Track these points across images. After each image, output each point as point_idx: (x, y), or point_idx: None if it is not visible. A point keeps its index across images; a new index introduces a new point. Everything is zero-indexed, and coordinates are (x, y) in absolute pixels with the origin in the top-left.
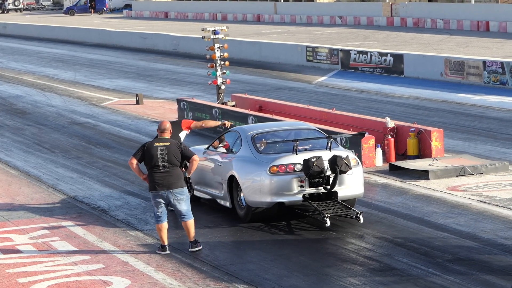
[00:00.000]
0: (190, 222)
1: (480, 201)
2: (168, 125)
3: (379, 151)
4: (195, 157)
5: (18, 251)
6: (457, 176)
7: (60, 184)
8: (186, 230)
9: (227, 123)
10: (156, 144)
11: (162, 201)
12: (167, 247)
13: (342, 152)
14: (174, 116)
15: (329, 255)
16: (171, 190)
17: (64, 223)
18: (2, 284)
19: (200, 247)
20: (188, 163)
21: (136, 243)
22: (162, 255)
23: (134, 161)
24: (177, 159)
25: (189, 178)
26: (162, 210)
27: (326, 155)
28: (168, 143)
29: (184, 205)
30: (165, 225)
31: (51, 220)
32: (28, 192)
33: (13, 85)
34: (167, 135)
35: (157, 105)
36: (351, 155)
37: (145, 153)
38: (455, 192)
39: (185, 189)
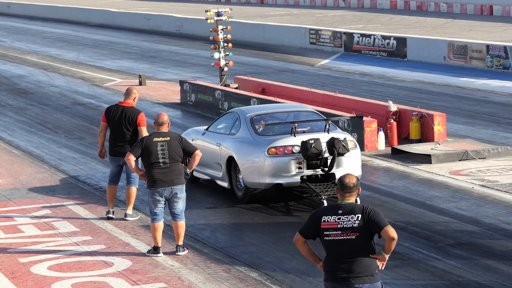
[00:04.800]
0: (182, 223)
1: (482, 185)
2: (166, 118)
3: (381, 134)
4: (197, 152)
5: (20, 231)
6: (459, 160)
7: (63, 164)
8: (176, 231)
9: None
10: (156, 139)
11: (161, 198)
12: (161, 249)
13: (340, 134)
14: (177, 98)
15: None
16: (173, 187)
17: (66, 203)
18: (4, 264)
19: (187, 251)
20: (189, 158)
21: (138, 224)
22: (164, 237)
23: (132, 158)
24: (179, 154)
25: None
26: (160, 209)
27: (324, 137)
28: (168, 138)
29: (181, 204)
30: (161, 224)
31: (53, 200)
32: (31, 172)
33: (17, 64)
34: (165, 128)
35: (160, 86)
36: (349, 137)
37: (144, 149)
38: (458, 176)
39: (184, 186)
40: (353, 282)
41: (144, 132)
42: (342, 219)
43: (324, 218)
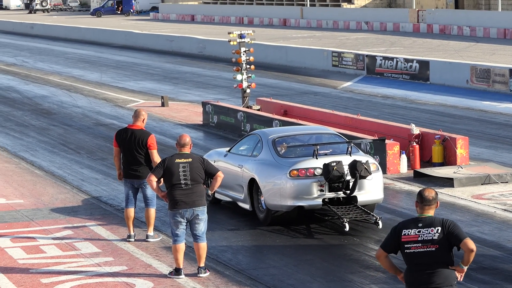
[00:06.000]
0: (204, 245)
1: (505, 209)
2: (188, 139)
3: (404, 157)
4: (219, 173)
5: (42, 251)
6: (482, 184)
7: (85, 185)
8: (198, 253)
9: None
10: (177, 160)
11: (182, 220)
12: (182, 270)
13: (362, 157)
14: (199, 119)
15: (353, 261)
16: (194, 208)
17: (88, 224)
18: (26, 284)
19: (208, 273)
20: (211, 180)
21: (159, 246)
22: (185, 259)
23: (154, 179)
24: (201, 176)
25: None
26: (182, 230)
27: (346, 160)
28: (190, 159)
29: (203, 226)
30: (182, 246)
31: (75, 221)
32: (53, 193)
33: (40, 85)
34: (187, 150)
35: (182, 108)
36: (371, 160)
37: (166, 171)
38: (480, 200)
39: (206, 208)
40: None
41: (155, 155)
42: (422, 232)
43: (404, 231)
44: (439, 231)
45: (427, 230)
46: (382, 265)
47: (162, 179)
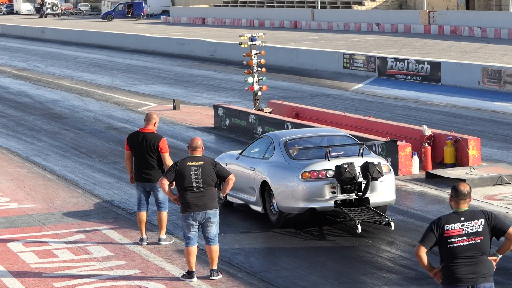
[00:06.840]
0: (216, 248)
1: None
2: (200, 142)
3: (416, 159)
4: (231, 176)
5: (55, 256)
6: (494, 185)
7: (97, 189)
8: (210, 256)
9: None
10: (189, 163)
11: (194, 223)
12: (195, 273)
13: (374, 158)
14: (211, 122)
15: (365, 263)
16: (206, 211)
17: (101, 228)
18: None
19: (221, 275)
20: (223, 183)
21: (172, 249)
22: (198, 262)
23: (166, 182)
24: (212, 179)
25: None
26: (194, 233)
27: (358, 162)
28: (202, 162)
29: (215, 228)
30: (194, 249)
31: (88, 225)
32: (65, 197)
33: (51, 89)
34: (199, 153)
35: (194, 111)
36: (383, 161)
37: (177, 174)
38: (492, 201)
39: (218, 210)
40: (478, 281)
41: (167, 158)
42: (466, 225)
43: (447, 226)
44: (483, 223)
45: (471, 223)
46: (421, 261)
47: (174, 182)
